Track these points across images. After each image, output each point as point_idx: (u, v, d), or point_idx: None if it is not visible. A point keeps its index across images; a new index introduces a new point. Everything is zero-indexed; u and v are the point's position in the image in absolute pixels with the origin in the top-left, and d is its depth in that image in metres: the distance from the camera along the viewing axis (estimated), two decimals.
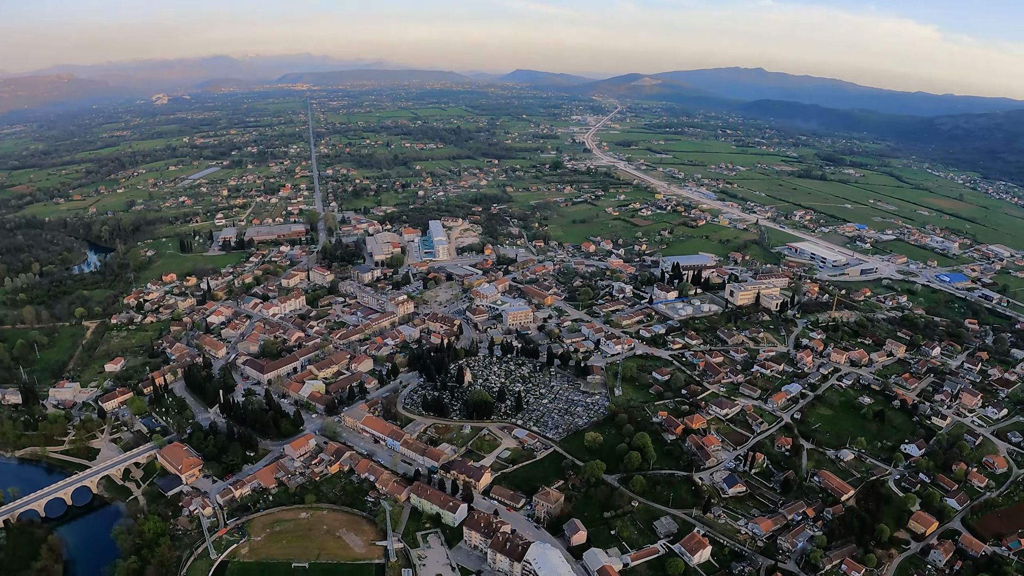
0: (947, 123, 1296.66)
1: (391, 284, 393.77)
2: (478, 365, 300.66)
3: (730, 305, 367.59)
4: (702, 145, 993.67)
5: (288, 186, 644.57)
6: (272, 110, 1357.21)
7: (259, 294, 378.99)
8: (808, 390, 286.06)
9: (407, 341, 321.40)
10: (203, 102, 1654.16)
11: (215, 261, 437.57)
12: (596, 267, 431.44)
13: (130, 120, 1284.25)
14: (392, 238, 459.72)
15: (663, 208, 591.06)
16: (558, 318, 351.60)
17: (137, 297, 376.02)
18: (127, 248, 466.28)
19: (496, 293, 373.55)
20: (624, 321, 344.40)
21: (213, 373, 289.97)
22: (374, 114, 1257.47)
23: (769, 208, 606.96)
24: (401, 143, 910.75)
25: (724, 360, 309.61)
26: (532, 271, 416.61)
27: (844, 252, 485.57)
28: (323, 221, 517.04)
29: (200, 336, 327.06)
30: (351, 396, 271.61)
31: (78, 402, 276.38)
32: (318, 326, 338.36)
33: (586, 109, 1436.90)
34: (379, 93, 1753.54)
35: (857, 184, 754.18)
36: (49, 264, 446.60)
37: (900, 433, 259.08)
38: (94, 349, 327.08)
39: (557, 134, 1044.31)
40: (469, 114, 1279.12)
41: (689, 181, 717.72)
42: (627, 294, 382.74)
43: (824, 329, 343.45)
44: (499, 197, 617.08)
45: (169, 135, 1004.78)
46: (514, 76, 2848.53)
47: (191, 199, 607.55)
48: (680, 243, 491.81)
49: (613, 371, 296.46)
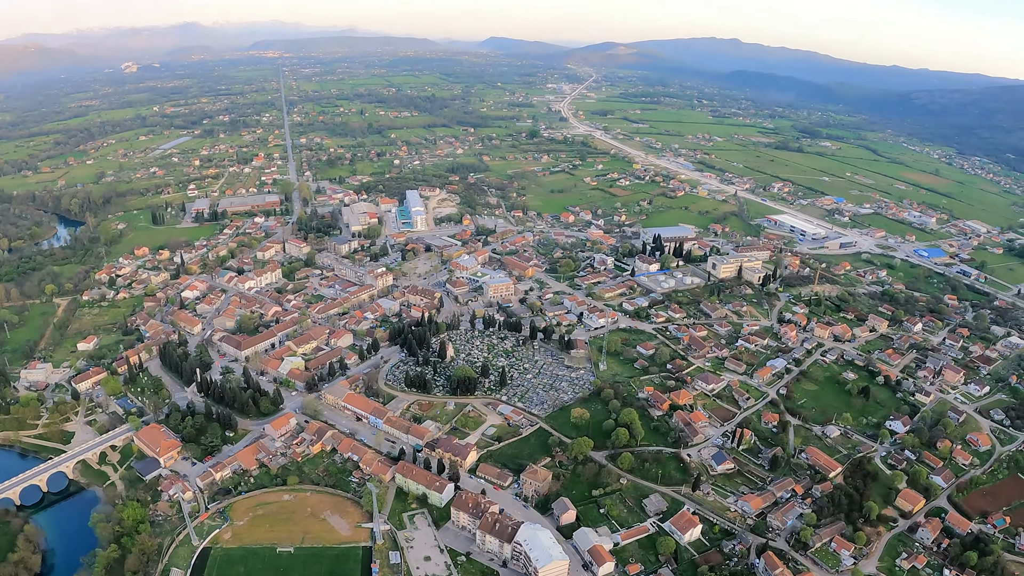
0: (923, 98, 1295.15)
1: (369, 256, 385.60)
2: (460, 339, 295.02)
3: (712, 278, 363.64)
4: (678, 115, 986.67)
5: (261, 155, 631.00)
6: (244, 78, 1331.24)
7: (234, 267, 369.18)
8: (793, 365, 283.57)
9: (387, 315, 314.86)
10: (173, 70, 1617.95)
11: (188, 234, 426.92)
12: (576, 238, 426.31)
13: (99, 89, 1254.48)
14: (369, 208, 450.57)
15: (641, 178, 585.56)
16: (540, 290, 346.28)
17: (109, 272, 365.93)
18: (98, 221, 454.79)
19: (476, 265, 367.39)
20: (607, 294, 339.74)
21: (189, 350, 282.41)
22: (347, 82, 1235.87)
23: (747, 180, 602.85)
24: (375, 111, 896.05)
25: (708, 334, 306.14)
26: (512, 242, 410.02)
27: (823, 225, 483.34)
28: (298, 191, 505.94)
29: (174, 312, 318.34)
30: (331, 372, 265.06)
31: (51, 383, 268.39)
32: (295, 300, 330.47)
33: (561, 77, 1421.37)
34: (352, 61, 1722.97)
35: (834, 157, 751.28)
36: (18, 239, 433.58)
37: (885, 409, 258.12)
38: (66, 327, 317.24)
39: (533, 102, 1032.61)
40: (443, 82, 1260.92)
41: (667, 151, 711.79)
42: (608, 266, 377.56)
43: (807, 303, 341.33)
44: (476, 166, 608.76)
45: (139, 104, 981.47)
46: (488, 44, 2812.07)
47: (162, 170, 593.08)
48: (659, 214, 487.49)
49: (597, 345, 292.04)
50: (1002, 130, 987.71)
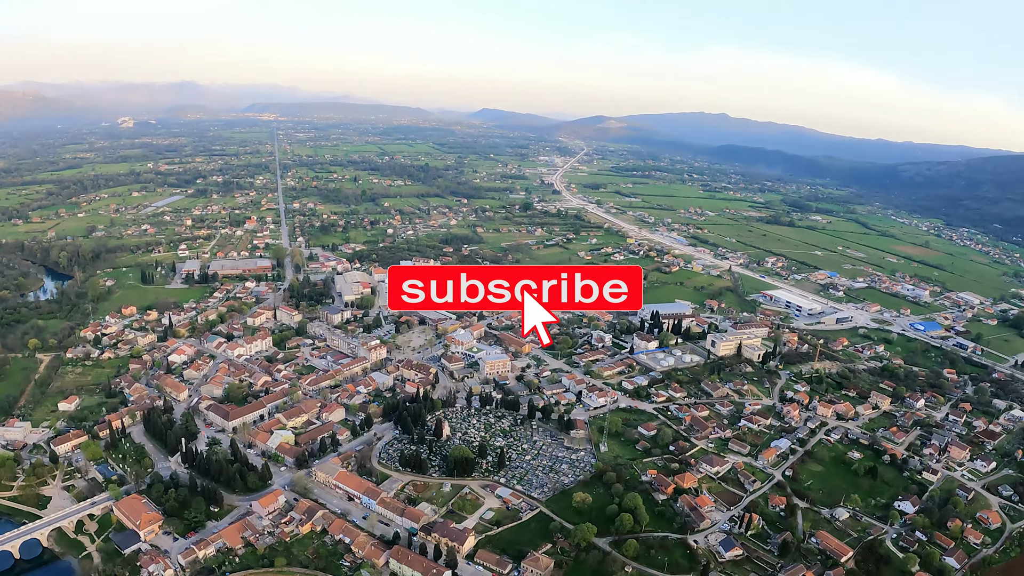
0: (909, 170, 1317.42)
1: (362, 327, 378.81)
2: (456, 417, 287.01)
3: (712, 356, 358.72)
4: (670, 189, 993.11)
5: (254, 218, 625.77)
6: (239, 139, 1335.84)
7: (223, 333, 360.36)
8: (797, 445, 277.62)
9: (380, 389, 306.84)
10: (169, 127, 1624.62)
11: (177, 295, 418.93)
12: (572, 313, 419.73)
13: (94, 142, 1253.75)
14: (362, 278, 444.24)
15: (636, 253, 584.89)
16: (537, 368, 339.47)
17: (95, 330, 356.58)
18: (86, 276, 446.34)
19: (472, 340, 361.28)
20: (605, 372, 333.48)
21: (174, 418, 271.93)
22: (341, 147, 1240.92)
23: (741, 254, 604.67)
24: (369, 179, 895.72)
25: (710, 414, 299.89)
26: (507, 317, 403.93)
27: (818, 300, 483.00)
28: (290, 257, 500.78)
29: (160, 376, 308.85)
30: (323, 448, 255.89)
31: (29, 443, 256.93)
32: (286, 370, 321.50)
33: (553, 150, 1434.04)
34: (346, 127, 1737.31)
35: (825, 231, 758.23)
36: (3, 289, 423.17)
37: (892, 489, 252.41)
38: (47, 385, 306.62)
39: (525, 174, 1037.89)
40: (437, 151, 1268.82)
41: (660, 225, 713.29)
42: (607, 343, 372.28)
43: (808, 381, 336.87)
44: (470, 238, 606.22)
45: (133, 159, 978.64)
46: (481, 115, 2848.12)
47: (154, 227, 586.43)
48: (655, 289, 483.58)
49: (598, 425, 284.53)
50: (988, 200, 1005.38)
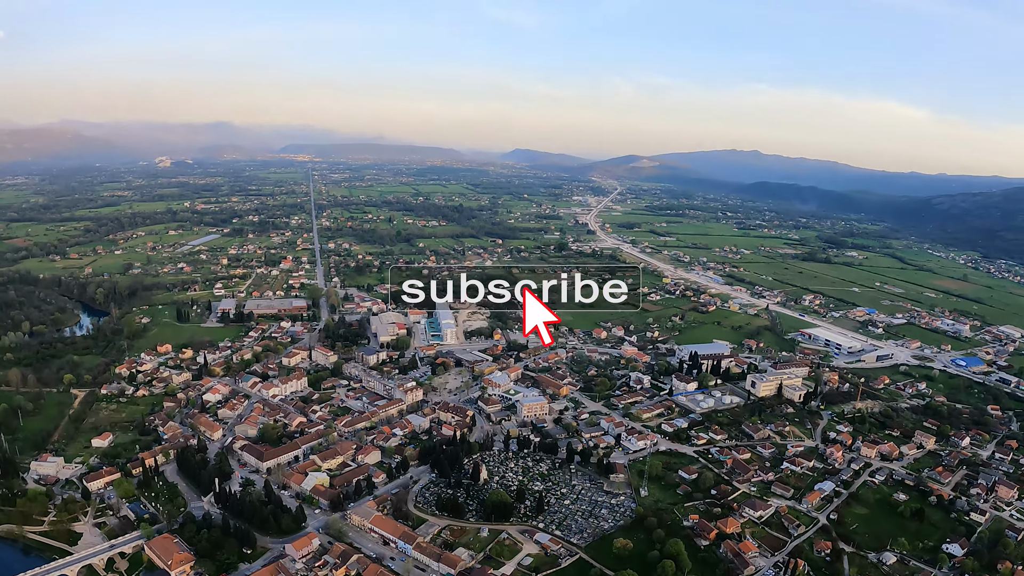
0: (944, 203, 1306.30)
1: (397, 368, 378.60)
2: (494, 460, 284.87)
3: (752, 397, 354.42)
4: (704, 227, 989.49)
5: (289, 258, 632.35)
6: (274, 179, 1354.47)
7: (258, 372, 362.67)
8: (841, 487, 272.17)
9: (416, 431, 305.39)
10: (206, 167, 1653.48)
11: (213, 333, 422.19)
12: (610, 355, 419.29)
13: (132, 180, 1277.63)
14: (397, 318, 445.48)
15: (672, 293, 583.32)
16: (575, 410, 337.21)
17: (130, 367, 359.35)
18: (122, 313, 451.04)
19: (509, 382, 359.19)
20: (644, 414, 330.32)
21: (208, 457, 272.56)
22: (375, 188, 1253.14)
23: (778, 292, 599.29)
24: (403, 219, 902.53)
25: (752, 456, 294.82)
26: (544, 359, 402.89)
27: (858, 338, 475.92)
28: (325, 297, 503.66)
29: (195, 415, 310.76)
30: (358, 491, 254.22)
31: (61, 479, 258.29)
32: (321, 411, 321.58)
33: (586, 190, 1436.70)
34: (380, 168, 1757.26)
35: (861, 267, 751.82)
36: (40, 324, 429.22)
37: (940, 531, 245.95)
38: (81, 421, 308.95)
39: (559, 215, 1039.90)
40: (471, 192, 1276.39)
41: (695, 265, 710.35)
42: (645, 385, 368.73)
43: (850, 421, 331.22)
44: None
45: (170, 198, 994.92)
46: (514, 155, 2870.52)
47: (190, 266, 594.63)
48: (692, 329, 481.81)
49: (637, 469, 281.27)
50: None
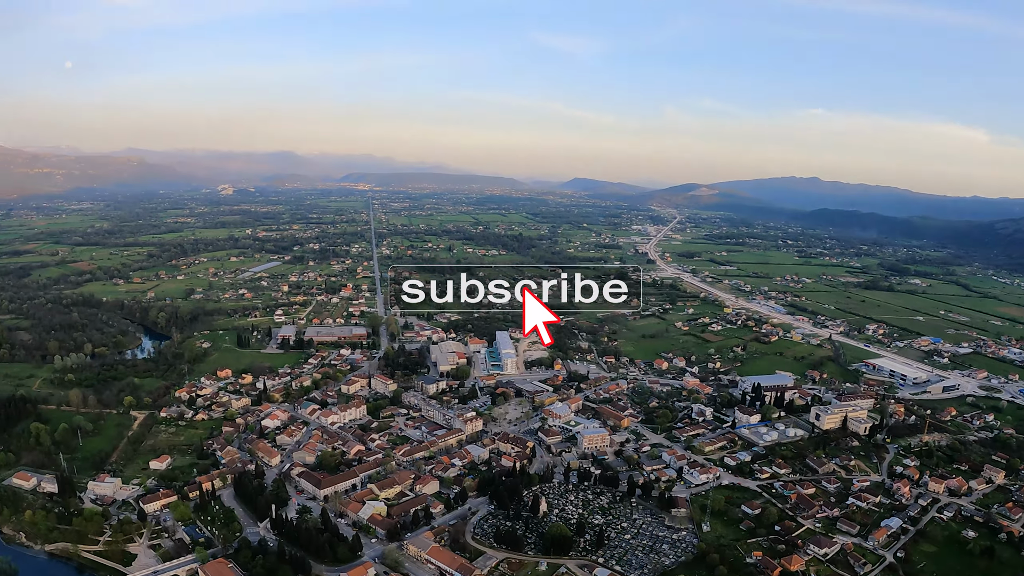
0: (1007, 227, 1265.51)
1: (457, 398, 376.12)
2: (553, 493, 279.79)
3: (816, 430, 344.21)
4: (764, 256, 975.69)
5: (349, 286, 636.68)
6: (335, 208, 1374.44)
7: (317, 399, 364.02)
8: (909, 524, 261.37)
9: (476, 462, 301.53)
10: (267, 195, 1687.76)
11: (273, 360, 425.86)
12: (671, 386, 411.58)
13: (195, 207, 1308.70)
14: (457, 348, 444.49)
15: (733, 323, 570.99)
16: (636, 442, 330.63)
17: (189, 391, 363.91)
18: (183, 338, 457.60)
19: (569, 413, 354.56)
20: (707, 447, 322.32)
21: (265, 483, 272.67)
22: (435, 217, 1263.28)
23: (840, 322, 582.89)
24: (463, 248, 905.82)
25: (816, 492, 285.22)
26: (605, 390, 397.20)
27: (923, 368, 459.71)
28: (385, 325, 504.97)
29: (253, 440, 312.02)
30: (415, 521, 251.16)
31: (118, 499, 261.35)
32: (380, 440, 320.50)
33: (646, 219, 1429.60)
34: (440, 197, 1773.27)
35: (925, 295, 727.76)
36: (102, 346, 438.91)
37: (1011, 570, 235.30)
38: (140, 443, 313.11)
39: (619, 244, 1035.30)
40: (530, 221, 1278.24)
41: (756, 294, 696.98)
42: (707, 417, 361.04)
43: (917, 455, 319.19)
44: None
45: (232, 225, 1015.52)
46: (572, 184, 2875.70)
47: (251, 292, 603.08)
48: (754, 360, 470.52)
49: (700, 503, 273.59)
50: None
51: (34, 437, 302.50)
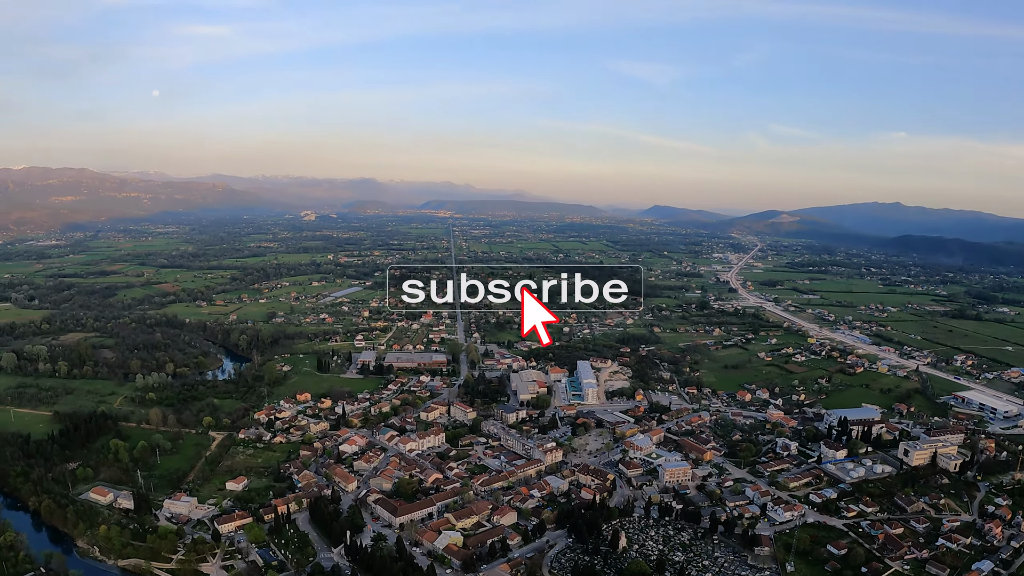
0: None
1: (537, 427, 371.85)
2: (633, 527, 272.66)
3: (905, 466, 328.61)
4: (848, 284, 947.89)
5: (430, 313, 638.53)
6: (415, 235, 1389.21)
7: (396, 425, 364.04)
8: (1001, 568, 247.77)
9: (555, 494, 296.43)
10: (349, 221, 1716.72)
11: (352, 384, 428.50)
12: (755, 419, 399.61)
13: (278, 232, 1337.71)
14: (538, 376, 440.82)
15: (817, 354, 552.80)
16: (718, 476, 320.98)
17: (268, 414, 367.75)
18: (263, 360, 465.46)
19: (651, 445, 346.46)
20: (791, 483, 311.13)
21: (341, 508, 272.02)
22: (516, 244, 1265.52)
23: (927, 352, 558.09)
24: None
25: (905, 531, 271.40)
26: (687, 422, 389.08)
27: (1014, 401, 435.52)
28: (465, 353, 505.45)
29: (330, 465, 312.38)
30: (491, 553, 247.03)
31: (193, 518, 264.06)
32: (458, 468, 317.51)
33: (726, 246, 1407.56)
34: (520, 224, 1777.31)
35: (1014, 323, 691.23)
36: (184, 366, 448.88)
37: None
38: (217, 463, 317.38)
39: (700, 272, 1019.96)
40: (610, 249, 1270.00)
41: (840, 323, 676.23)
42: (792, 452, 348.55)
43: (1009, 493, 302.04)
44: (647, 338, 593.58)
45: (314, 251, 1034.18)
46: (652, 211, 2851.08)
47: (332, 317, 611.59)
48: (839, 392, 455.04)
49: (784, 542, 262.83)
50: None
51: (113, 453, 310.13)
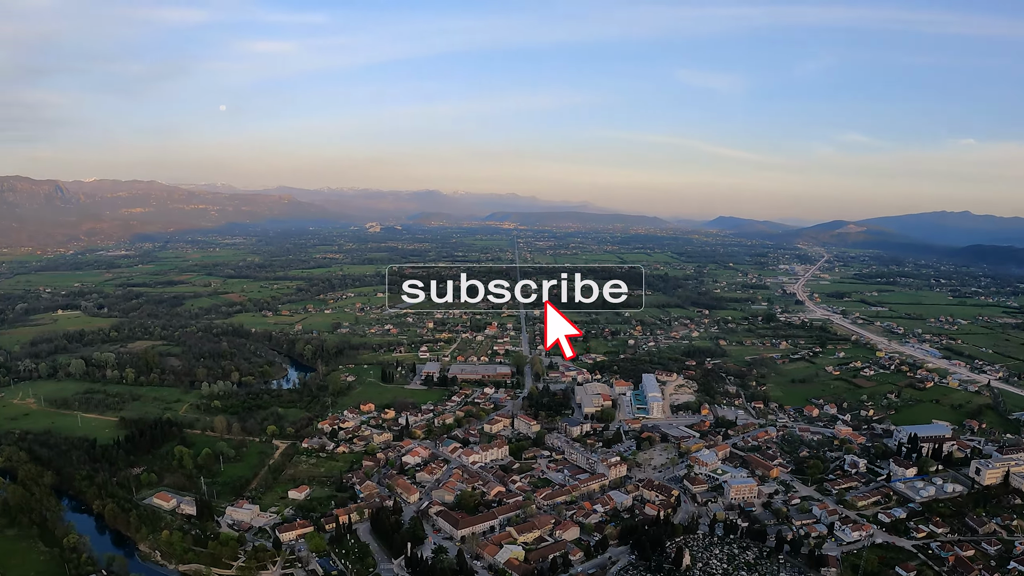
0: None
1: (601, 441, 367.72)
2: (697, 545, 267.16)
3: (976, 485, 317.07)
4: (917, 296, 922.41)
5: (494, 324, 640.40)
6: (480, 246, 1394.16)
7: (459, 437, 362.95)
8: None
9: (618, 509, 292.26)
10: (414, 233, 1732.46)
11: (416, 396, 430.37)
12: (822, 434, 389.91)
13: (343, 244, 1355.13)
14: (602, 389, 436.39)
15: (886, 368, 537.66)
16: (785, 494, 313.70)
17: (332, 423, 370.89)
18: (328, 371, 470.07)
19: (716, 461, 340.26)
20: (859, 502, 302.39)
21: (402, 520, 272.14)
22: (580, 256, 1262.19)
23: (999, 367, 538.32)
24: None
25: (976, 554, 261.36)
26: (754, 437, 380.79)
27: None
28: (530, 365, 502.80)
29: (393, 476, 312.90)
30: (553, 568, 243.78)
31: (254, 526, 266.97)
32: (521, 481, 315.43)
33: (792, 258, 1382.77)
34: (584, 236, 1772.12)
35: None
36: (249, 375, 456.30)
37: None
38: (280, 472, 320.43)
39: (766, 284, 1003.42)
40: (675, 261, 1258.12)
41: (910, 337, 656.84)
42: (860, 469, 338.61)
43: None
44: (712, 351, 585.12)
45: (379, 262, 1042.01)
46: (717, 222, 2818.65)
47: (396, 328, 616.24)
48: (908, 408, 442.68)
49: (851, 563, 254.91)
50: None
51: (177, 460, 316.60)
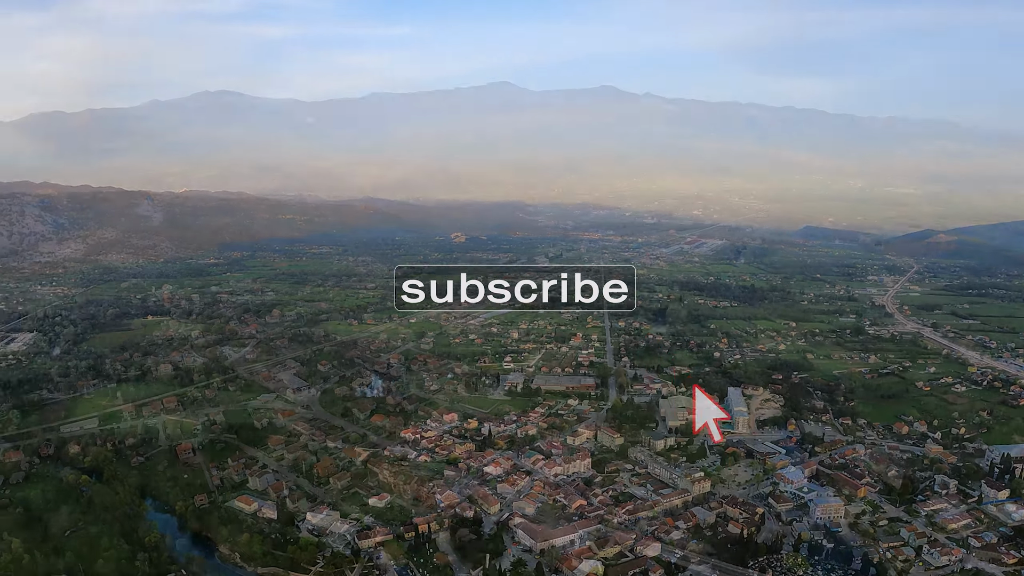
0: None
1: (685, 456, 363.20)
2: (781, 566, 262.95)
3: None
4: (1010, 308, 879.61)
5: (579, 335, 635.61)
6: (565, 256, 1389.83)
7: (542, 449, 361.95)
8: None
9: (701, 526, 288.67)
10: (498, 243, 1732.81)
11: (499, 406, 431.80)
12: (912, 453, 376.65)
13: (428, 253, 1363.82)
14: (687, 403, 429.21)
15: (978, 383, 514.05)
16: (872, 514, 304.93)
17: (415, 432, 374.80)
18: (412, 379, 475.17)
19: (802, 478, 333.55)
20: (949, 524, 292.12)
21: (482, 530, 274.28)
22: (665, 268, 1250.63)
23: None
24: (694, 299, 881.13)
25: None
26: (841, 454, 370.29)
27: None
28: (614, 377, 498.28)
29: (474, 486, 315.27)
30: None
31: (334, 532, 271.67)
32: (602, 495, 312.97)
33: (881, 269, 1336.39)
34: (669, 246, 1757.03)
35: None
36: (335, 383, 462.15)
37: None
38: (362, 479, 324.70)
39: (854, 296, 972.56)
40: (761, 272, 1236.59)
41: (1003, 351, 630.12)
42: (951, 490, 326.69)
43: None
44: (799, 364, 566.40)
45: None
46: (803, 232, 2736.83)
47: (481, 338, 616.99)
48: (1001, 426, 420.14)
49: None
50: None
51: (260, 464, 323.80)
